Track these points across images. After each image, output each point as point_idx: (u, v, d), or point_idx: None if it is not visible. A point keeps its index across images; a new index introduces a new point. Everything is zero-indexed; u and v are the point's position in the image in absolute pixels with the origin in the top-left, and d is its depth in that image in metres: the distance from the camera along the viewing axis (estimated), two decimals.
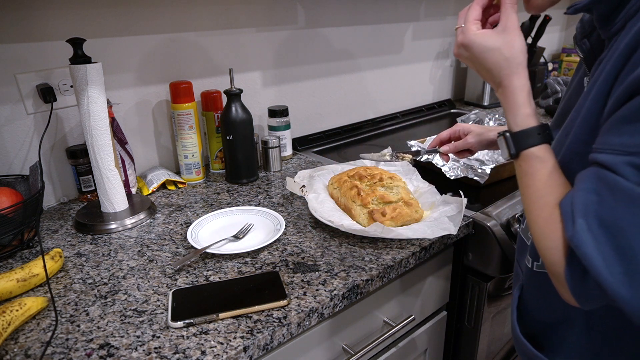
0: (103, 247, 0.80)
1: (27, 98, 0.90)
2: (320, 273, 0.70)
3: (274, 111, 1.17)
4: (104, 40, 0.96)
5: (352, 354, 0.72)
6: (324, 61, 1.37)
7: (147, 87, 1.06)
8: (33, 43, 0.88)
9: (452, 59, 1.81)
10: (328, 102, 1.42)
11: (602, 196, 0.41)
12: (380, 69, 1.54)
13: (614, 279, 0.40)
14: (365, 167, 0.91)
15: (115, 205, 0.89)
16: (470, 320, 0.96)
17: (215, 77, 1.16)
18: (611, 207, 0.41)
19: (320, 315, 0.64)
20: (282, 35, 1.24)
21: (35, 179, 0.84)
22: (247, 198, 0.98)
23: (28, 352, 0.56)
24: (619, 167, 0.41)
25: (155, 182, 1.02)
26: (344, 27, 1.38)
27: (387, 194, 0.82)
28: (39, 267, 0.69)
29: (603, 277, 0.40)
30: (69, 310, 0.63)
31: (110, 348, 0.56)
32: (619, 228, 0.40)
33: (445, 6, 1.67)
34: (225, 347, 0.55)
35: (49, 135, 0.94)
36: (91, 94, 0.81)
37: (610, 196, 0.41)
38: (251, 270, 0.71)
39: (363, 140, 1.42)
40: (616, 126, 0.42)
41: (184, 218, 0.90)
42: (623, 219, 0.40)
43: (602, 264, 0.40)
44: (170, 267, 0.73)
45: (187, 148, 1.05)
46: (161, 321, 0.61)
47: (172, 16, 1.04)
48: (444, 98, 1.84)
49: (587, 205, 0.42)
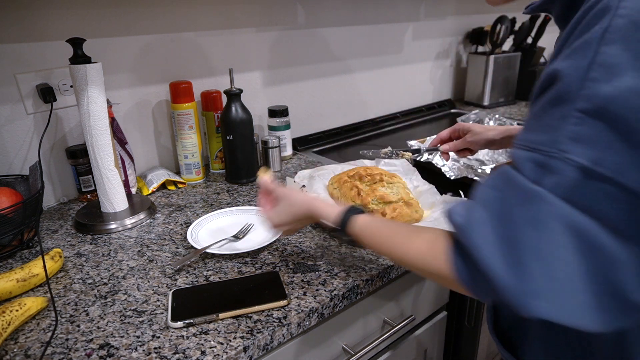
0: (103, 247, 0.80)
1: (27, 98, 0.90)
2: (320, 273, 0.70)
3: (274, 111, 1.17)
4: (104, 40, 0.96)
5: (352, 354, 0.72)
6: (324, 61, 1.37)
7: (147, 87, 1.05)
8: (33, 43, 0.88)
9: (452, 58, 1.81)
10: (328, 102, 1.42)
11: (501, 191, 0.42)
12: (380, 69, 1.54)
13: (498, 268, 0.40)
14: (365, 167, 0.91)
15: (115, 205, 0.89)
16: (470, 320, 0.96)
17: (215, 77, 1.16)
18: (506, 202, 0.41)
19: (320, 315, 0.64)
20: (282, 35, 1.24)
21: (35, 179, 0.84)
22: (247, 198, 0.98)
23: (28, 352, 0.56)
24: (520, 162, 0.41)
25: (155, 182, 1.02)
26: (344, 27, 1.38)
27: (387, 194, 0.81)
28: (39, 267, 0.69)
29: (487, 265, 0.41)
30: (69, 310, 0.63)
31: (110, 348, 0.56)
32: (511, 221, 0.40)
33: (445, 6, 1.67)
34: (225, 347, 0.55)
35: (48, 135, 0.94)
36: (91, 94, 0.81)
37: (509, 191, 0.41)
38: (251, 270, 0.71)
39: (363, 140, 1.42)
40: (527, 121, 0.43)
41: (184, 218, 0.90)
42: (515, 213, 0.40)
43: (488, 253, 0.41)
44: (170, 267, 0.73)
45: (187, 148, 1.05)
46: (161, 321, 0.60)
47: (172, 16, 1.04)
48: (444, 98, 1.84)
49: (485, 200, 0.43)
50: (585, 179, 0.37)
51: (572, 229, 0.38)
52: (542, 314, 0.39)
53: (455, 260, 0.47)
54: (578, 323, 0.38)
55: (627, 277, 0.37)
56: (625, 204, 0.37)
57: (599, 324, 0.38)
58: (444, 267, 0.48)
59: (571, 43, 0.40)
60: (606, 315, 0.38)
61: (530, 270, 0.39)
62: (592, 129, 0.37)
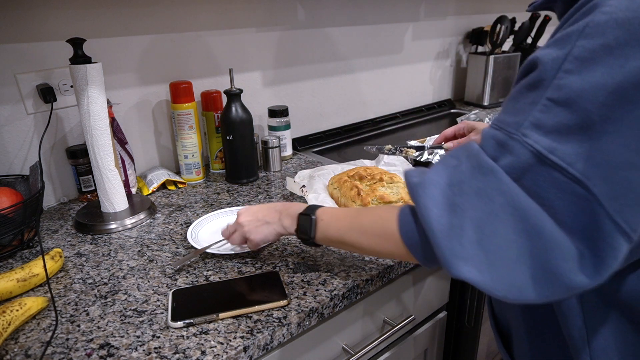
0: (103, 247, 0.80)
1: (27, 98, 0.90)
2: (320, 273, 0.70)
3: (274, 111, 1.17)
4: (104, 40, 0.96)
5: (352, 354, 0.72)
6: (324, 61, 1.37)
7: (147, 87, 1.06)
8: (33, 43, 0.88)
9: (452, 58, 1.81)
10: (328, 102, 1.42)
11: (459, 161, 0.44)
12: (380, 69, 1.54)
13: (437, 228, 0.42)
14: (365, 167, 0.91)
15: (115, 205, 0.89)
16: (470, 320, 0.96)
17: (215, 77, 1.16)
18: (461, 172, 0.43)
19: (320, 315, 0.64)
20: (282, 35, 1.24)
21: (35, 179, 0.84)
22: (247, 198, 0.98)
23: (28, 352, 0.56)
24: (485, 139, 0.43)
25: (155, 182, 1.02)
26: (344, 27, 1.38)
27: (387, 194, 0.82)
28: (39, 267, 0.69)
29: (429, 222, 0.43)
30: (69, 310, 0.63)
31: (110, 348, 0.56)
32: (460, 188, 0.42)
33: (445, 6, 1.67)
34: (225, 347, 0.55)
35: (49, 135, 0.94)
36: (91, 94, 0.81)
37: (466, 162, 0.43)
38: (251, 270, 0.71)
39: (363, 140, 1.42)
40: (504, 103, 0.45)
41: (184, 218, 0.90)
42: (466, 182, 0.42)
43: (432, 212, 0.43)
44: (170, 267, 0.73)
45: (187, 148, 1.05)
46: (161, 321, 0.61)
47: (172, 16, 1.04)
48: (444, 98, 1.84)
49: (442, 166, 0.45)
50: (538, 165, 0.39)
51: (516, 209, 0.39)
52: (466, 277, 0.41)
53: (404, 219, 0.49)
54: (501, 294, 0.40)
55: (565, 263, 0.38)
56: (573, 196, 0.38)
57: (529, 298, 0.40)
58: (394, 228, 0.51)
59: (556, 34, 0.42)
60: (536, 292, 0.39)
61: (467, 235, 0.41)
62: (555, 118, 0.39)
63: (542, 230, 0.38)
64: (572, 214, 0.38)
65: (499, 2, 1.90)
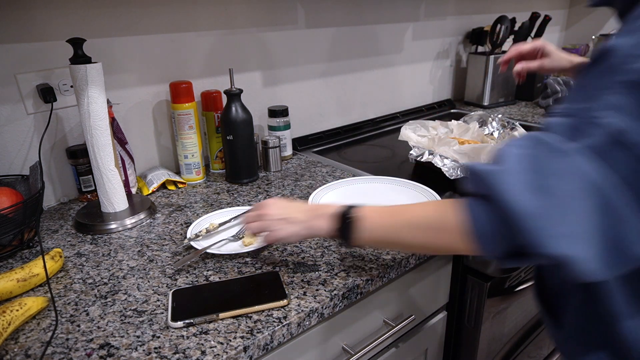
0: (103, 247, 0.80)
1: (27, 98, 0.90)
2: (320, 273, 0.70)
3: (274, 111, 1.17)
4: (104, 40, 0.96)
5: (352, 354, 0.72)
6: (324, 61, 1.37)
7: (147, 87, 1.06)
8: (33, 43, 0.88)
9: (452, 58, 1.81)
10: (328, 102, 1.42)
11: (531, 149, 0.45)
12: (380, 68, 1.54)
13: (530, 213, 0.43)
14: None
15: (115, 205, 0.89)
16: (470, 320, 0.96)
17: (215, 77, 1.16)
18: (539, 158, 0.44)
19: (320, 315, 0.64)
20: (282, 35, 1.24)
21: (35, 179, 0.84)
22: (247, 198, 0.98)
23: (28, 352, 0.56)
24: (554, 127, 0.45)
25: (155, 182, 1.02)
26: (344, 27, 1.38)
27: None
28: (39, 267, 0.69)
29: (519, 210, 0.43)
30: (69, 310, 0.63)
31: (110, 348, 0.56)
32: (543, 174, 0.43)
33: (445, 6, 1.67)
34: (225, 347, 0.55)
35: (49, 135, 0.94)
36: (91, 94, 0.81)
37: (539, 150, 0.44)
38: (251, 270, 0.71)
39: (363, 140, 1.42)
40: (571, 92, 0.47)
41: (184, 218, 0.90)
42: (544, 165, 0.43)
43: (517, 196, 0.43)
44: (170, 267, 0.73)
45: (187, 148, 1.05)
46: (161, 321, 0.61)
47: (172, 16, 1.04)
48: (444, 98, 1.84)
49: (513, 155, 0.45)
50: (614, 144, 0.40)
51: (594, 187, 0.41)
52: (558, 252, 0.42)
53: (474, 210, 0.49)
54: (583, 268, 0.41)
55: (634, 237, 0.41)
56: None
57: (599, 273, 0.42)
58: (454, 220, 0.50)
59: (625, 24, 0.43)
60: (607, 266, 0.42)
61: (555, 215, 0.42)
62: (629, 99, 0.40)
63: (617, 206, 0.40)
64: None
65: (499, 2, 1.90)
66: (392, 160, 1.22)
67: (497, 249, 0.48)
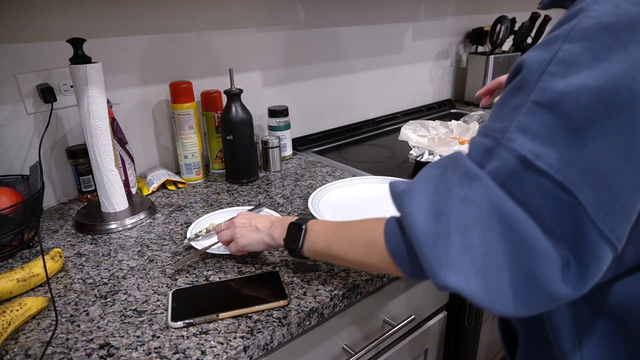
0: (103, 247, 0.80)
1: (27, 98, 0.90)
2: (320, 273, 0.70)
3: (274, 111, 1.17)
4: (104, 40, 0.96)
5: (352, 354, 0.72)
6: (324, 61, 1.37)
7: (147, 87, 1.06)
8: (33, 43, 0.88)
9: (452, 58, 1.81)
10: (328, 102, 1.42)
11: (444, 170, 0.43)
12: (380, 68, 1.54)
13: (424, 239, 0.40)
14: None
15: (115, 205, 0.89)
16: (470, 320, 0.96)
17: (215, 77, 1.16)
18: (447, 179, 0.42)
19: (320, 315, 0.64)
20: (282, 35, 1.24)
21: (35, 179, 0.84)
22: (247, 198, 0.98)
23: (28, 352, 0.56)
24: (472, 147, 0.43)
25: (155, 182, 1.02)
26: (344, 27, 1.38)
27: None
28: (39, 267, 0.69)
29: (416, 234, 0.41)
30: (69, 310, 0.63)
31: (110, 348, 0.56)
32: (445, 196, 0.41)
33: (445, 6, 1.67)
34: (225, 347, 0.56)
35: (49, 135, 0.94)
36: (91, 94, 0.81)
37: (451, 170, 0.42)
38: (251, 270, 0.71)
39: (363, 140, 1.42)
40: (492, 109, 0.45)
41: (184, 218, 0.90)
42: (451, 189, 0.41)
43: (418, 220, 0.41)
44: (170, 267, 0.73)
45: (187, 148, 1.05)
46: (161, 321, 0.61)
47: (172, 16, 1.04)
48: (444, 98, 1.84)
49: (427, 175, 0.44)
50: (524, 170, 0.38)
51: (501, 215, 0.38)
52: (453, 286, 0.39)
53: (390, 230, 0.47)
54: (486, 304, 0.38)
55: (549, 272, 0.37)
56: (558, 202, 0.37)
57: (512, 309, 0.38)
58: (380, 238, 0.49)
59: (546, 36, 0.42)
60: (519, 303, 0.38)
61: (452, 242, 0.39)
62: (540, 122, 0.38)
63: (527, 237, 0.37)
64: (558, 221, 0.37)
65: (499, 2, 1.90)
66: (392, 160, 1.22)
67: (416, 271, 0.46)
